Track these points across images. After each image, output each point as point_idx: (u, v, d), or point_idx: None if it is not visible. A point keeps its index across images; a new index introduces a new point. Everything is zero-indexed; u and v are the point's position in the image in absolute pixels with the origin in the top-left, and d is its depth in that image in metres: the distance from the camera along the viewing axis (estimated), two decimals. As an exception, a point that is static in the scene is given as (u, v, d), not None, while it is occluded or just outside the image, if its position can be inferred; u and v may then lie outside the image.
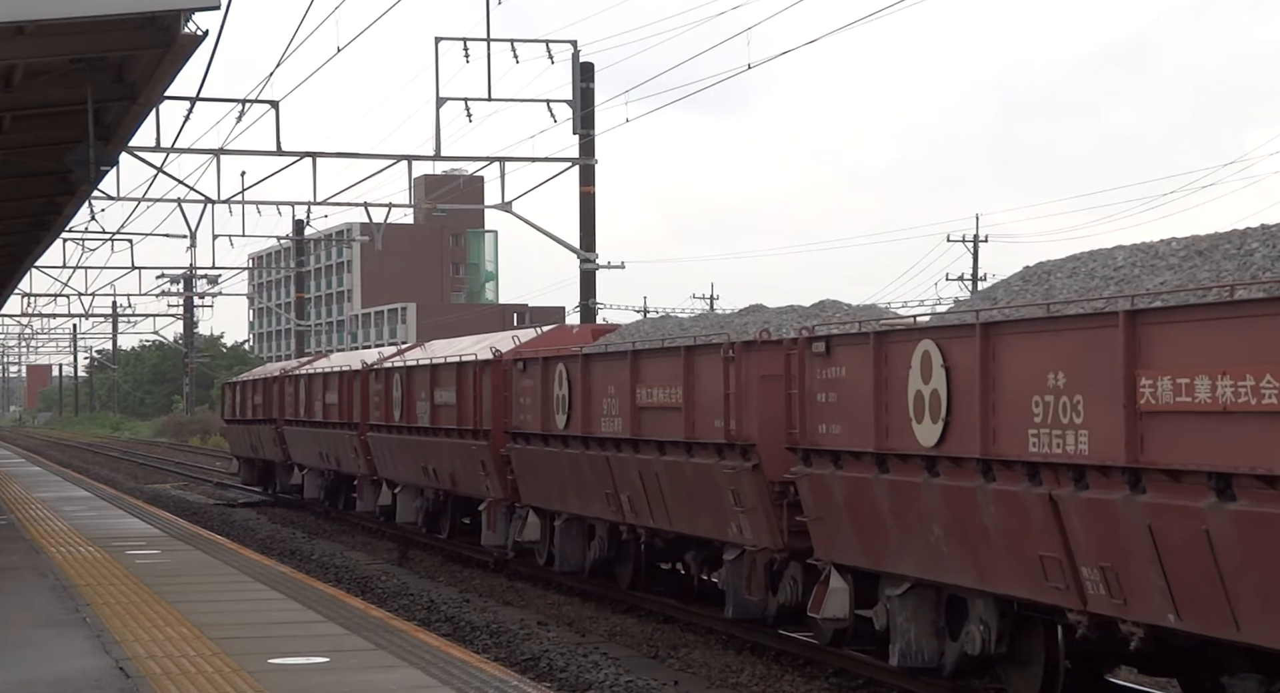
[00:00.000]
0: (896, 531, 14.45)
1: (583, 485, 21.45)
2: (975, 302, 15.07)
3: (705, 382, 18.02)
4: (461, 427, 26.13)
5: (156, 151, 37.40)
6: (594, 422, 20.88)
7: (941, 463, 13.65)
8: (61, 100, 17.40)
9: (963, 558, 13.55)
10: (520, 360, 23.83)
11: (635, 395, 19.60)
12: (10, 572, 18.43)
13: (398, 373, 30.14)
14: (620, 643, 18.90)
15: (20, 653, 12.63)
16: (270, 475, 43.58)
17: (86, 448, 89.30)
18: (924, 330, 14.21)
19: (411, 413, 28.92)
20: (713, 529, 18.21)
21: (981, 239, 76.93)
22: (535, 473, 23.32)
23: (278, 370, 42.87)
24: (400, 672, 11.75)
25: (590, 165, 41.45)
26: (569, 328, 26.87)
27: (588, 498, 21.44)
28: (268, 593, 16.46)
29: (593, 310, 42.19)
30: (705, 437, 17.98)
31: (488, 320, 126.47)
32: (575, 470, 21.60)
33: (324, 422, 35.78)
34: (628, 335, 21.96)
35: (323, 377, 36.54)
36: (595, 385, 20.83)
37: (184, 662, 12.16)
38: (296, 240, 74.29)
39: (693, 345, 18.55)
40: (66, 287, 75.42)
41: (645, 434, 19.41)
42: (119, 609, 15.07)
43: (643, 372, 19.63)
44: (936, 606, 14.68)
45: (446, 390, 27.07)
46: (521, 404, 23.64)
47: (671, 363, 18.88)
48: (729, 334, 18.45)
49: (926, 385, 13.79)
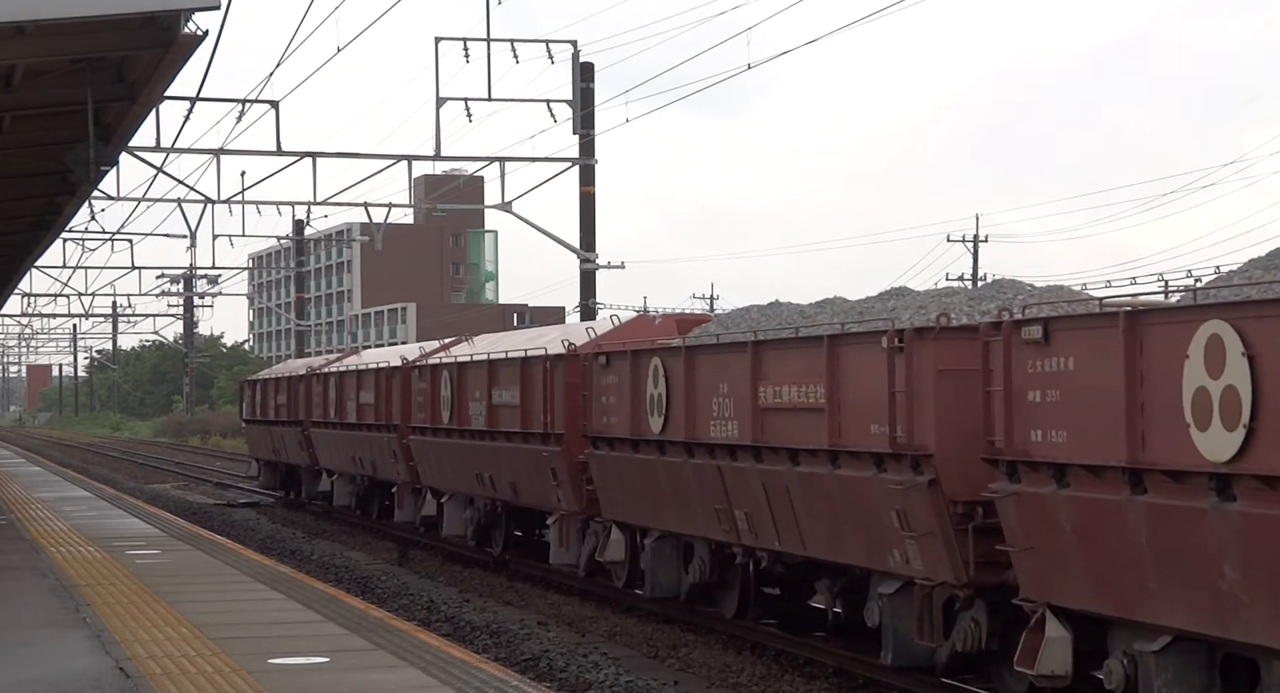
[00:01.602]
0: (1157, 569, 11.50)
1: (684, 499, 18.74)
2: None
3: (857, 378, 15.08)
4: (527, 430, 23.44)
5: (156, 151, 37.39)
6: (700, 425, 18.08)
7: (1241, 483, 10.69)
8: (61, 100, 17.39)
9: (1270, 609, 10.58)
10: (602, 355, 20.81)
11: (757, 395, 16.68)
12: (10, 572, 18.43)
13: (446, 370, 27.33)
14: (620, 643, 18.90)
15: (20, 653, 12.63)
16: (293, 480, 41.40)
17: (86, 448, 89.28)
18: (1209, 308, 11.11)
19: (464, 414, 26.29)
20: (863, 556, 15.40)
21: (981, 239, 76.90)
22: (621, 484, 20.50)
23: (303, 367, 40.34)
24: (400, 672, 11.75)
25: (590, 165, 41.44)
26: (650, 318, 23.50)
27: (689, 514, 18.69)
28: (268, 593, 16.46)
29: (593, 310, 42.14)
30: (857, 444, 15.03)
31: (488, 320, 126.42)
32: (674, 482, 18.85)
33: (357, 423, 33.13)
34: (731, 325, 18.94)
35: (356, 375, 33.62)
36: (701, 383, 18.03)
37: (184, 662, 12.15)
38: (296, 240, 74.27)
39: (839, 334, 15.50)
40: (66, 287, 75.42)
41: (770, 441, 16.54)
42: (119, 609, 15.07)
43: (767, 366, 16.62)
44: (1210, 667, 11.71)
45: (507, 389, 24.33)
46: (604, 405, 20.64)
47: (808, 356, 15.84)
48: (889, 321, 15.11)
49: (1215, 381, 10.83)
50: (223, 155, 39.37)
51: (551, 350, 22.90)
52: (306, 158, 39.32)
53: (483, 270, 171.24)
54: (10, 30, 13.89)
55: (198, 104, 33.60)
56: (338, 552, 28.99)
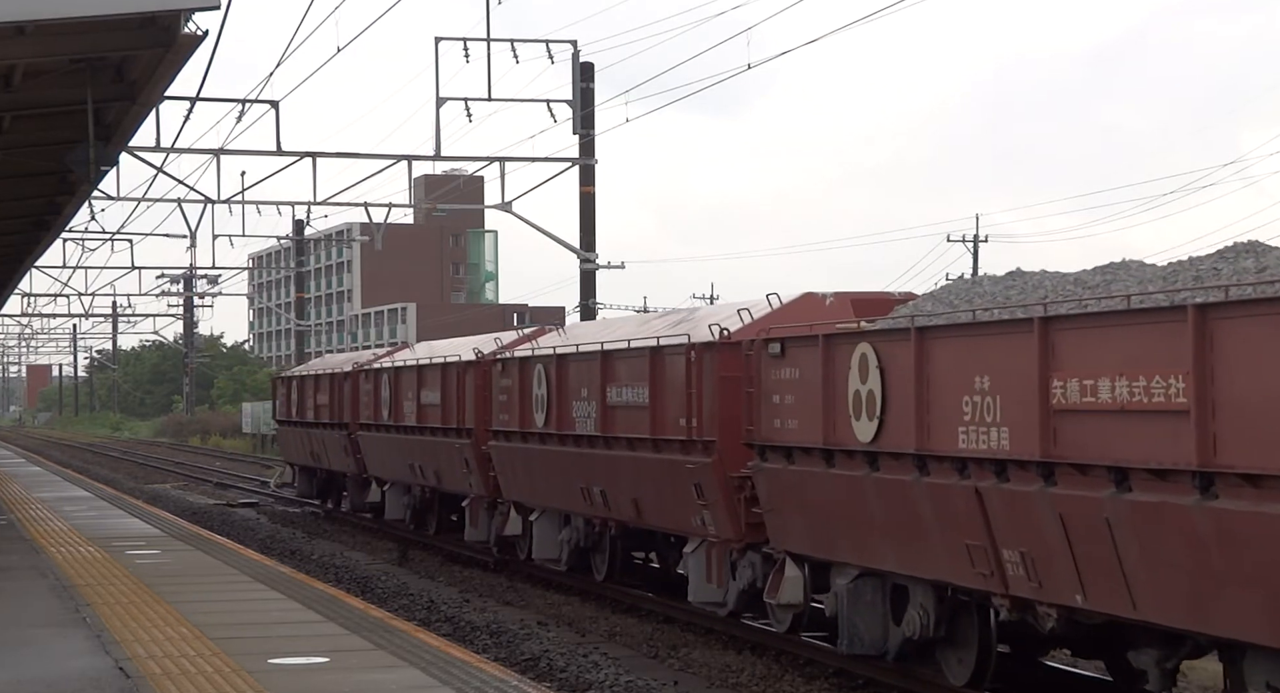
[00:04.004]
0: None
1: (907, 530, 14.49)
2: None
3: (1248, 370, 10.71)
4: (659, 436, 19.25)
5: (156, 151, 37.40)
6: (938, 432, 13.91)
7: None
8: (61, 100, 17.39)
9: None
10: (775, 341, 16.65)
11: (1049, 391, 12.50)
12: (10, 572, 18.42)
13: (540, 364, 22.94)
14: (620, 643, 18.89)
15: (20, 653, 12.63)
16: (333, 488, 37.79)
17: (86, 448, 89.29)
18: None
19: (565, 417, 22.26)
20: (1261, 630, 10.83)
21: (981, 239, 76.88)
22: (802, 506, 16.25)
23: (348, 363, 35.86)
24: (400, 672, 11.75)
25: (590, 165, 41.44)
26: (818, 297, 18.44)
27: (915, 549, 14.48)
28: (268, 593, 16.46)
29: (593, 310, 42.14)
30: (1251, 465, 10.62)
31: (488, 320, 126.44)
32: (892, 506, 14.57)
33: (418, 427, 29.06)
34: (951, 302, 15.16)
35: (416, 370, 29.35)
36: (941, 375, 13.89)
37: (184, 662, 12.15)
38: (296, 240, 74.25)
39: (1206, 303, 11.12)
40: (66, 287, 75.44)
41: (1071, 456, 12.32)
42: (119, 609, 15.06)
43: (1066, 352, 12.41)
44: None
45: (631, 386, 20.22)
46: (778, 405, 16.59)
47: (1157, 335, 11.48)
48: None
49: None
50: (223, 155, 39.36)
51: (697, 337, 18.81)
52: (306, 158, 39.33)
53: (483, 270, 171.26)
54: (10, 30, 13.89)
55: (198, 104, 33.63)
56: (338, 552, 28.98)
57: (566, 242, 42.51)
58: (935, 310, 15.05)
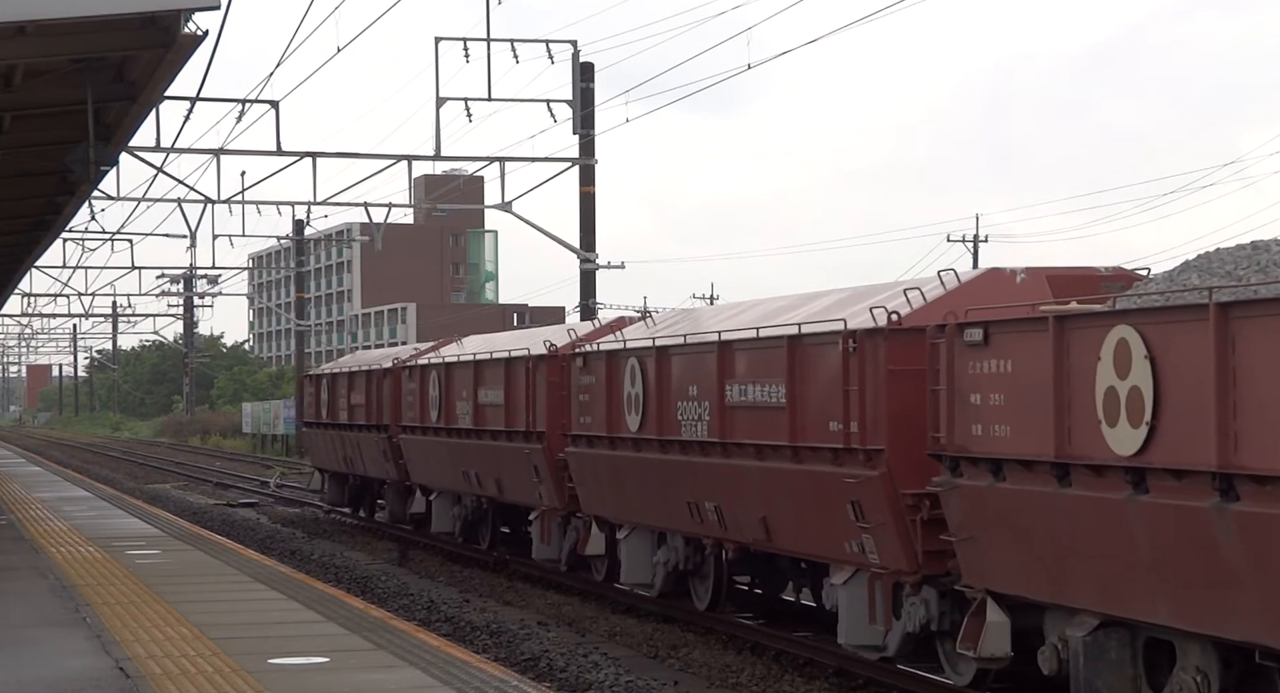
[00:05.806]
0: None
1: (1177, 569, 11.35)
2: None
3: None
4: (800, 442, 16.32)
5: (156, 151, 37.40)
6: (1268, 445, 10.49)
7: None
8: (61, 100, 17.39)
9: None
10: (972, 327, 13.41)
11: None
12: (10, 572, 18.43)
13: (633, 358, 20.19)
14: (620, 643, 18.89)
15: (20, 653, 12.64)
16: (366, 495, 34.94)
17: (86, 448, 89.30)
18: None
19: (667, 420, 19.29)
20: None
21: (981, 239, 76.91)
22: (1016, 532, 12.92)
23: (388, 359, 32.68)
24: (400, 672, 11.75)
25: (590, 165, 41.44)
26: (1007, 274, 15.28)
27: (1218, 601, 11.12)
28: (268, 593, 16.46)
29: (593, 310, 42.14)
30: None
31: (488, 320, 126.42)
32: (1155, 535, 11.38)
33: (474, 429, 26.18)
34: (1223, 272, 11.95)
35: (473, 367, 26.33)
36: (1249, 364, 10.62)
37: (184, 662, 12.16)
38: (296, 240, 74.23)
39: None
40: (66, 287, 75.44)
41: None
42: (119, 609, 15.07)
43: None
44: None
45: (760, 383, 17.15)
46: (975, 407, 13.36)
47: None
48: None
49: None
50: (223, 155, 39.38)
51: (854, 323, 15.52)
52: (306, 158, 39.33)
53: (483, 270, 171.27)
54: (10, 30, 13.89)
55: (198, 104, 33.60)
56: (338, 552, 28.98)
57: (566, 242, 42.51)
58: (1200, 284, 11.65)
